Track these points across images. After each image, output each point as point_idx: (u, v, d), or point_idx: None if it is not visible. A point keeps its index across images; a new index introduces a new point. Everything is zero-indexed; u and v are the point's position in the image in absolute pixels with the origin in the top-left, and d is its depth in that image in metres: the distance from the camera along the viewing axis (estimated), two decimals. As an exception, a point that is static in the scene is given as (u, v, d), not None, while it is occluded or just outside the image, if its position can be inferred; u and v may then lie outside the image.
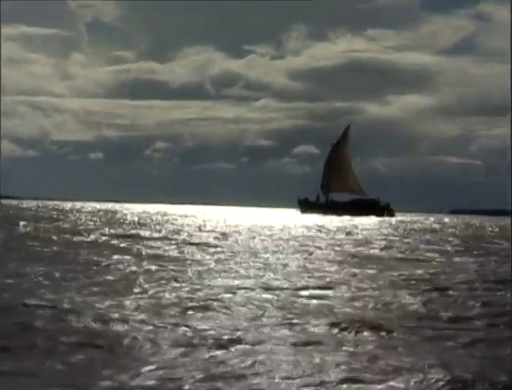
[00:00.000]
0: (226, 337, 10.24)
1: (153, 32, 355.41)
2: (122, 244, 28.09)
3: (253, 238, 37.22)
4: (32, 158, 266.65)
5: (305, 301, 14.39)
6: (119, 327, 10.74)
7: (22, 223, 40.22)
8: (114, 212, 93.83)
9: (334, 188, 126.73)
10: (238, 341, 10.03)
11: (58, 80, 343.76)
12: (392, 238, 43.15)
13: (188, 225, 53.72)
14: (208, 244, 30.10)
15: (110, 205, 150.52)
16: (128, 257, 22.42)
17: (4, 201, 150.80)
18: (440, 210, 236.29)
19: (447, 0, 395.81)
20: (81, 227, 37.76)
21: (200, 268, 19.94)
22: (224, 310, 12.72)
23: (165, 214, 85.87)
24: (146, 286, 15.53)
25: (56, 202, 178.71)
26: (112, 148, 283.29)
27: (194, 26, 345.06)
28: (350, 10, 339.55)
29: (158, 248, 27.21)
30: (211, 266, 20.86)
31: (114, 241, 29.58)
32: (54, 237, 30.30)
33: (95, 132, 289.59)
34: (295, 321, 11.84)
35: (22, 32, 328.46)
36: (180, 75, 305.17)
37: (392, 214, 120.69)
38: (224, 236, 38.55)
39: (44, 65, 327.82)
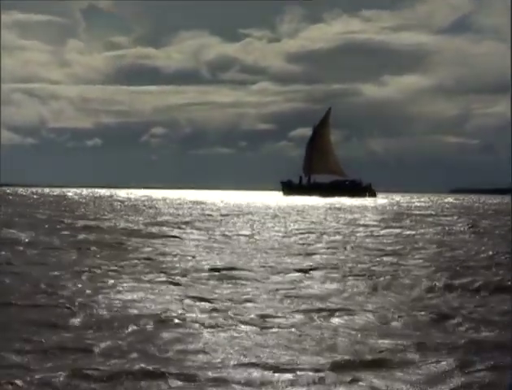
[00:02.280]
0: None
1: (148, 18, 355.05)
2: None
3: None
4: (30, 145, 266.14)
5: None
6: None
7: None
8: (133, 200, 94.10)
9: (316, 169, 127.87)
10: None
11: (55, 66, 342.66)
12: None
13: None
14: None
15: (108, 192, 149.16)
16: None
17: (4, 189, 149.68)
18: (438, 189, 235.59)
19: None
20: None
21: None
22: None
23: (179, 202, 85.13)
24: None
25: (56, 189, 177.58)
26: (110, 134, 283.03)
27: (189, 11, 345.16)
28: None
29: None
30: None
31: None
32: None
33: (92, 118, 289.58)
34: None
35: (17, 20, 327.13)
36: (176, 60, 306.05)
37: (373, 195, 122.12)
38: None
39: (40, 52, 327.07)
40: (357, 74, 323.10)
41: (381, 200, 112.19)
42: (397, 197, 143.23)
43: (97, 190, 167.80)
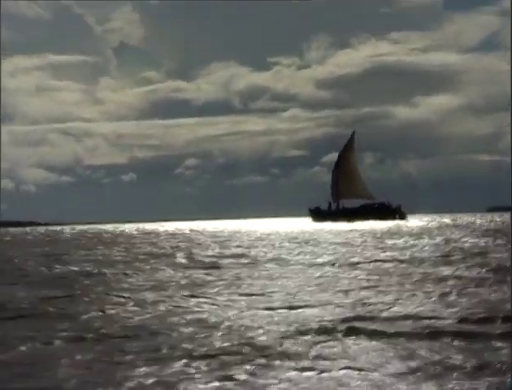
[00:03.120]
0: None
1: (178, 51, 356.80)
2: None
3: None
4: (66, 183, 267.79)
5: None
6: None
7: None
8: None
9: (343, 194, 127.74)
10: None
11: (88, 105, 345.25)
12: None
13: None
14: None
15: (150, 226, 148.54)
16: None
17: (42, 228, 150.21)
18: (475, 209, 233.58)
19: None
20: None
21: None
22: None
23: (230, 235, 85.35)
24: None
25: (93, 226, 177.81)
26: (144, 168, 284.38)
27: (217, 42, 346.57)
28: (372, 14, 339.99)
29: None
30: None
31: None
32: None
33: (127, 153, 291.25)
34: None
35: (50, 61, 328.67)
36: (206, 92, 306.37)
37: (403, 217, 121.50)
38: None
39: (73, 91, 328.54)
40: (387, 96, 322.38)
41: (413, 221, 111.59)
42: (429, 218, 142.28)
43: (139, 225, 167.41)
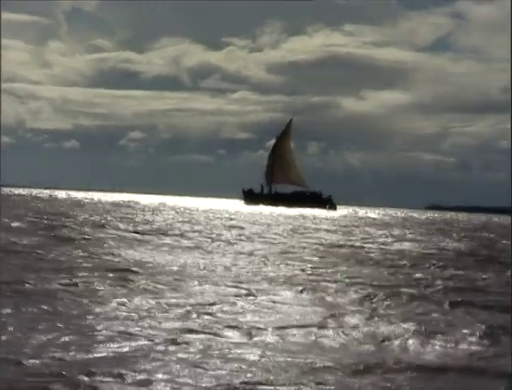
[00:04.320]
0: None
1: (131, 22, 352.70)
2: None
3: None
4: (6, 144, 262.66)
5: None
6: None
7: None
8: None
9: (277, 179, 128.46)
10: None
11: (36, 66, 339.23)
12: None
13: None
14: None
15: (88, 195, 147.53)
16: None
17: None
18: (414, 206, 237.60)
19: None
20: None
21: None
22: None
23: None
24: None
25: (31, 190, 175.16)
26: (88, 137, 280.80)
27: (173, 18, 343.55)
28: (329, 5, 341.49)
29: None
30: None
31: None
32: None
33: (71, 120, 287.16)
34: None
35: (1, 18, 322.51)
36: (157, 66, 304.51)
37: (334, 208, 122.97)
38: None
39: (21, 51, 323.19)
40: (336, 87, 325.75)
41: (341, 212, 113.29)
42: (359, 210, 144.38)
43: (72, 192, 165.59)
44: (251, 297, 13.50)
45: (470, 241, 41.03)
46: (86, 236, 26.37)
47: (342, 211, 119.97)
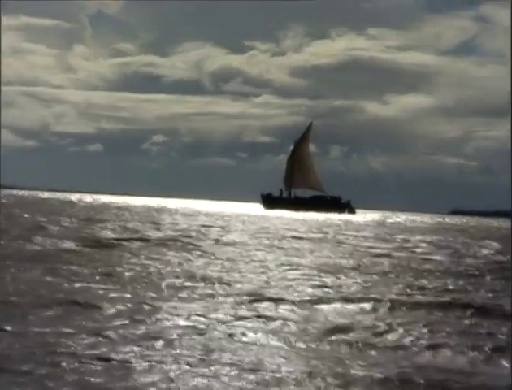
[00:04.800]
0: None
1: (155, 26, 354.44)
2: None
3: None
4: (32, 148, 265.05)
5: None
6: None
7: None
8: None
9: (296, 183, 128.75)
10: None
11: (60, 71, 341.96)
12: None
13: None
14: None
15: (111, 199, 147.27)
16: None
17: (5, 192, 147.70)
18: (437, 210, 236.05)
19: (450, 1, 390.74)
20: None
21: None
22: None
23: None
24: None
25: (58, 194, 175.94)
26: (111, 140, 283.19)
27: (196, 21, 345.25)
28: (353, 9, 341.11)
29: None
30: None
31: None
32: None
33: (95, 124, 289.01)
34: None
35: (24, 23, 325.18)
36: (180, 70, 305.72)
37: (352, 212, 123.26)
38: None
39: (45, 56, 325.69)
40: (359, 91, 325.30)
41: (365, 216, 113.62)
42: (376, 215, 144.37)
43: (97, 196, 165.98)
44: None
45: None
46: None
47: (367, 216, 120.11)
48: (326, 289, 17.09)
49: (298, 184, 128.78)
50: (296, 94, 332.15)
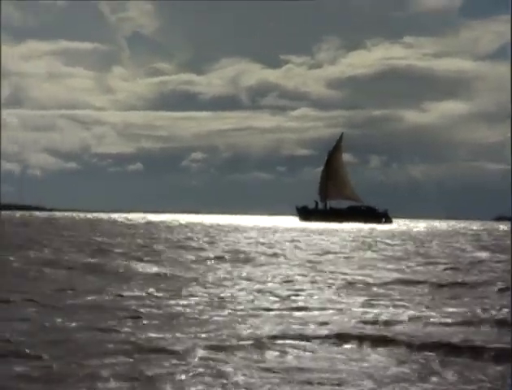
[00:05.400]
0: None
1: (190, 44, 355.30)
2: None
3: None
4: (72, 170, 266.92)
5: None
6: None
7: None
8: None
9: (331, 195, 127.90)
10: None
11: (99, 93, 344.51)
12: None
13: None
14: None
15: (160, 217, 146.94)
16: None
17: (47, 214, 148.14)
18: (482, 217, 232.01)
19: (486, 5, 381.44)
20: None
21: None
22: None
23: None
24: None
25: (102, 214, 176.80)
26: (151, 159, 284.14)
27: (230, 38, 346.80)
28: (386, 18, 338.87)
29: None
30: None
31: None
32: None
33: (134, 143, 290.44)
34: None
35: (63, 47, 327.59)
36: (216, 86, 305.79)
37: (389, 221, 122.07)
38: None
39: (84, 78, 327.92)
40: (397, 100, 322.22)
41: (395, 225, 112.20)
42: (411, 223, 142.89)
43: (141, 215, 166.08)
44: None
45: None
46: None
47: (413, 225, 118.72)
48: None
49: (333, 196, 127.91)
50: (333, 106, 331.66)
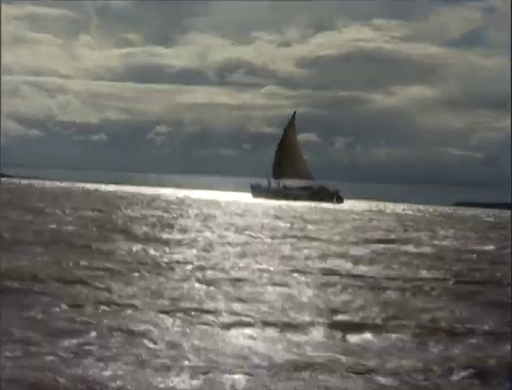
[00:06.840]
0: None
1: (160, 17, 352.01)
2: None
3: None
4: (35, 137, 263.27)
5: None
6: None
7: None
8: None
9: (285, 173, 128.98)
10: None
11: (65, 60, 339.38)
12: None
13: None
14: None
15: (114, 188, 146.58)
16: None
17: (6, 180, 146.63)
18: (443, 202, 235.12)
19: None
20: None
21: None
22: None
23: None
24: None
25: (63, 184, 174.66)
26: (115, 130, 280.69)
27: (200, 12, 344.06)
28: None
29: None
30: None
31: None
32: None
33: (99, 114, 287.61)
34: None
35: (29, 12, 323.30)
36: (185, 60, 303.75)
37: (340, 201, 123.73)
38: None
39: (50, 45, 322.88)
40: (365, 82, 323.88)
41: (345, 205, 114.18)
42: (362, 204, 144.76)
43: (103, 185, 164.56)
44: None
45: None
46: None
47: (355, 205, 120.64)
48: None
49: (287, 174, 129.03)
50: (301, 85, 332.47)
